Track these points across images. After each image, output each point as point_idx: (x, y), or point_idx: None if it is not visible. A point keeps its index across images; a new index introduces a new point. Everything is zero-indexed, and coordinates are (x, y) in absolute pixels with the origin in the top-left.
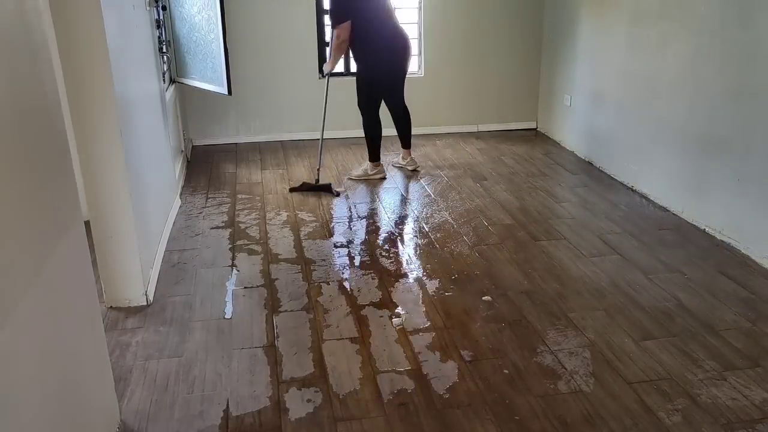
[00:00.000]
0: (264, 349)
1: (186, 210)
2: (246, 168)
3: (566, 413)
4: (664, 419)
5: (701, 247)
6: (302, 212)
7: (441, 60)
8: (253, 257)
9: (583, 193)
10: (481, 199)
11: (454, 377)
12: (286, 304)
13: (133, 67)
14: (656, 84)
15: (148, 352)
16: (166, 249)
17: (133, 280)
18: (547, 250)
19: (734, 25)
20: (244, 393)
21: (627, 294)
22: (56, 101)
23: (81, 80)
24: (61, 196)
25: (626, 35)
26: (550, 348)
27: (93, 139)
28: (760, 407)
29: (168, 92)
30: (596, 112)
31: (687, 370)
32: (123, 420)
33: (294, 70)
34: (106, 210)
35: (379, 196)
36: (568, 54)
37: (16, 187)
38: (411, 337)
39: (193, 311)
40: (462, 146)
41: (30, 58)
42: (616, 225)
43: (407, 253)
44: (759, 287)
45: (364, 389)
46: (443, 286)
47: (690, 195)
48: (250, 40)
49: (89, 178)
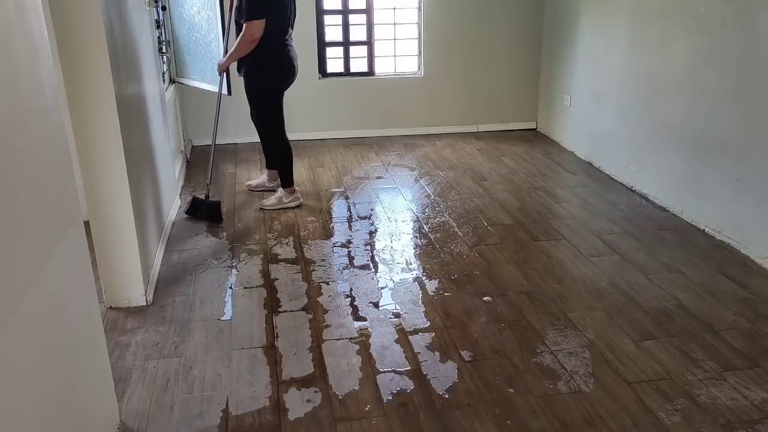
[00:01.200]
0: (264, 349)
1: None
2: (246, 168)
3: (566, 413)
4: (663, 419)
5: (701, 248)
6: (302, 212)
7: (441, 60)
8: (253, 257)
9: (583, 193)
10: (481, 200)
11: (454, 377)
12: (286, 304)
13: (133, 67)
14: (656, 84)
15: (148, 352)
16: (166, 249)
17: (132, 281)
18: (547, 250)
19: (734, 25)
20: (244, 393)
21: (627, 294)
22: (56, 101)
23: (81, 80)
24: (61, 196)
25: (626, 35)
26: (549, 348)
27: (93, 139)
28: (760, 407)
29: (168, 92)
30: (596, 112)
31: (687, 370)
32: (122, 420)
33: None
34: (106, 210)
35: (379, 196)
36: (567, 54)
37: (16, 187)
38: (411, 337)
39: (192, 311)
40: (462, 146)
41: (30, 58)
42: (616, 225)
43: (407, 254)
44: (758, 287)
45: (364, 389)
46: (443, 286)
47: (690, 195)
48: None
49: (89, 178)
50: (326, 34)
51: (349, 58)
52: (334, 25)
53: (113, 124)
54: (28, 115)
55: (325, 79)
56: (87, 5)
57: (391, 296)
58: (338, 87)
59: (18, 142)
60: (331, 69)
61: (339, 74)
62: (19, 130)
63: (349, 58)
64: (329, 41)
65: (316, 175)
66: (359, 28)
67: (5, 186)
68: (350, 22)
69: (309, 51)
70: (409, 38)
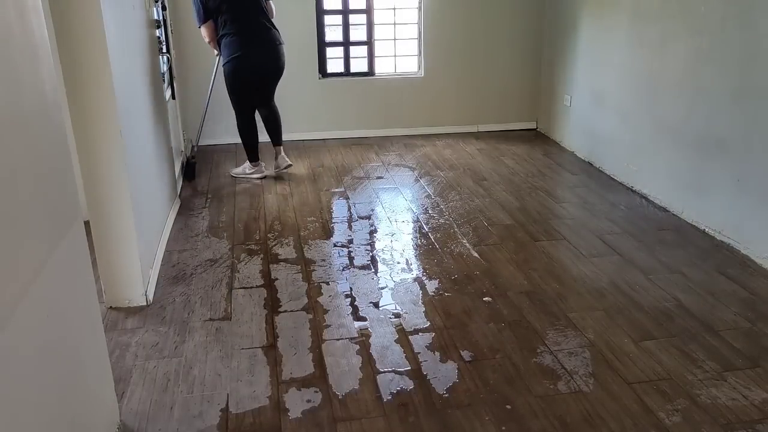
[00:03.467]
0: (264, 349)
1: (186, 210)
2: None
3: (566, 413)
4: (663, 419)
5: (701, 248)
6: (302, 212)
7: (441, 60)
8: (253, 257)
9: (583, 194)
10: (481, 200)
11: (454, 377)
12: (286, 304)
13: (133, 67)
14: (656, 84)
15: (148, 352)
16: (166, 249)
17: (132, 281)
18: (547, 251)
19: (734, 25)
20: (244, 393)
21: (627, 294)
22: (56, 101)
23: (81, 80)
24: (61, 196)
25: (626, 35)
26: (549, 348)
27: (93, 139)
28: (760, 407)
29: (168, 92)
30: (596, 113)
31: (687, 371)
32: (123, 420)
33: (294, 70)
34: (106, 210)
35: (379, 197)
36: (568, 54)
37: (16, 187)
38: (411, 337)
39: (193, 311)
40: (462, 146)
41: (30, 58)
42: (616, 225)
43: (407, 254)
44: (759, 287)
45: (364, 389)
46: (443, 286)
47: (690, 195)
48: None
49: (89, 178)
50: (326, 34)
51: (349, 58)
52: (334, 25)
53: (113, 124)
54: (28, 115)
55: (326, 79)
56: (87, 5)
57: (391, 296)
58: (338, 87)
59: (18, 141)
60: (332, 69)
61: (339, 74)
62: (19, 129)
63: (349, 58)
64: (329, 41)
65: (317, 175)
66: (359, 28)
67: (5, 186)
68: (350, 22)
69: (309, 51)
70: (409, 38)
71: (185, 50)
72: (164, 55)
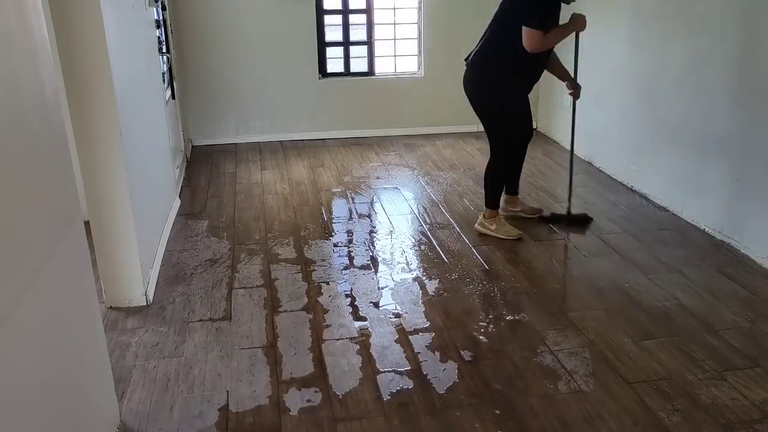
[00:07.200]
0: (264, 349)
1: (186, 210)
2: (246, 168)
3: (566, 413)
4: (664, 419)
5: (701, 247)
6: (302, 212)
7: (441, 60)
8: (253, 257)
9: (583, 193)
10: (481, 199)
11: (454, 377)
12: (286, 304)
13: (133, 67)
14: (656, 84)
15: (148, 352)
16: (166, 249)
17: (132, 281)
18: (547, 250)
19: (734, 25)
20: (244, 393)
21: (627, 294)
22: (56, 101)
23: (81, 80)
24: (61, 196)
25: (626, 35)
26: (550, 348)
27: (93, 139)
28: (760, 407)
29: (167, 92)
30: (596, 112)
31: (687, 370)
32: (123, 420)
33: (294, 70)
34: (106, 210)
35: (379, 196)
36: (568, 54)
37: (16, 187)
38: (411, 337)
39: (193, 311)
40: (462, 146)
41: (30, 59)
42: (616, 225)
43: (407, 254)
44: (759, 287)
45: (364, 389)
46: (443, 286)
47: (690, 195)
48: (251, 40)
49: (89, 178)
50: (326, 34)
51: (349, 58)
52: (334, 25)
53: (113, 124)
54: (28, 115)
55: (326, 79)
56: (87, 5)
57: (391, 296)
58: (338, 87)
59: (18, 142)
60: (332, 69)
61: (339, 74)
62: (19, 129)
63: (349, 58)
64: (329, 41)
65: (317, 175)
66: (359, 28)
67: (5, 186)
68: (350, 22)
69: (309, 51)
70: (409, 38)
71: (185, 50)
72: (164, 55)
